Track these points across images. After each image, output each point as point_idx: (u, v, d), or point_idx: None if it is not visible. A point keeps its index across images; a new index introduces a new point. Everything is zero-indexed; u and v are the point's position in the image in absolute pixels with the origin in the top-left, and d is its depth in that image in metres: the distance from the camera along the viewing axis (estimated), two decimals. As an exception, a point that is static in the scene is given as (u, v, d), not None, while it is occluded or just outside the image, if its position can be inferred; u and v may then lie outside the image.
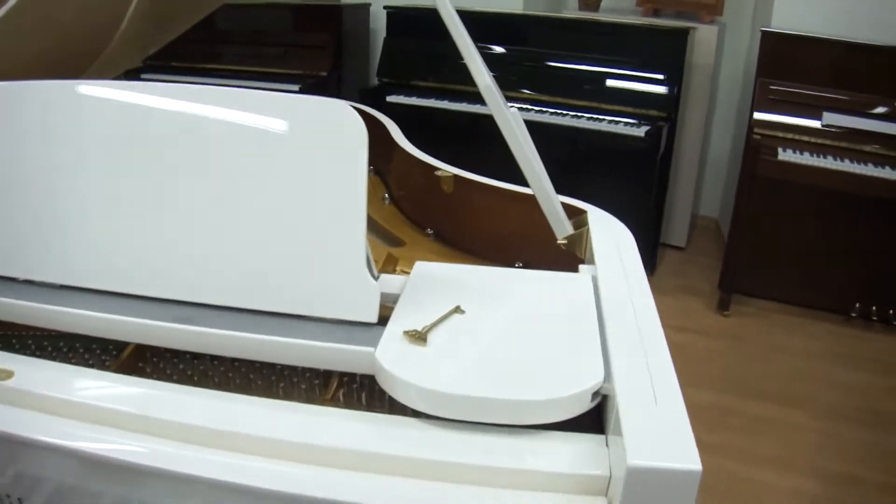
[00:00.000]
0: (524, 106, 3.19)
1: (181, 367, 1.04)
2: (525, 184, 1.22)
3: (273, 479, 0.76)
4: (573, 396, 0.78)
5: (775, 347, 2.79)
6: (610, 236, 1.19)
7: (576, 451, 0.77)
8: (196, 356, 1.04)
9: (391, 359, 0.84)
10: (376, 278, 0.94)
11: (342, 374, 0.98)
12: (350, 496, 0.74)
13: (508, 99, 1.17)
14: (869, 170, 2.66)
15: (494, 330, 0.91)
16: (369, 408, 0.97)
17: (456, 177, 1.50)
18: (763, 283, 3.10)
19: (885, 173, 2.64)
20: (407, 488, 0.75)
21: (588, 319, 0.93)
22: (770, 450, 2.20)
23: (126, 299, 0.98)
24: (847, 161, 2.70)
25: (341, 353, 0.88)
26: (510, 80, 3.25)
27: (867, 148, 2.73)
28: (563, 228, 1.23)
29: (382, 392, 0.89)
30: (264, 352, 0.91)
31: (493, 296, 0.99)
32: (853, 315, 2.90)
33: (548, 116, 3.14)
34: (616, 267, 1.07)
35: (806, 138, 2.80)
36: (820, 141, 2.79)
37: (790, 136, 2.82)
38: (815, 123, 2.81)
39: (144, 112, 0.99)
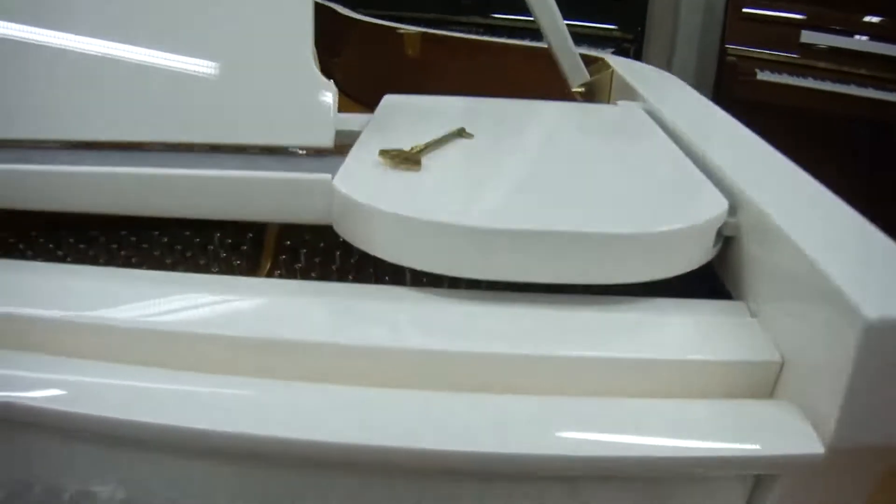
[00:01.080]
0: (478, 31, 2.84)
1: (21, 246, 0.66)
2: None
3: (193, 411, 0.41)
4: (693, 231, 0.45)
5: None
6: (648, 74, 0.86)
7: (710, 326, 0.43)
8: (49, 231, 0.66)
9: (363, 188, 0.49)
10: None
11: (277, 243, 0.62)
12: (324, 432, 0.40)
13: (460, 25, 0.87)
14: (852, 90, 2.46)
15: (527, 158, 0.57)
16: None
17: (423, 34, 1.15)
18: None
19: (869, 93, 2.44)
20: (420, 402, 0.41)
21: (664, 146, 0.60)
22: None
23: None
24: (829, 82, 2.47)
25: (274, 187, 0.52)
26: (464, 3, 2.90)
27: (848, 68, 2.50)
28: (579, 74, 0.90)
29: (345, 269, 0.56)
30: (150, 199, 0.54)
31: (511, 122, 0.65)
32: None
33: (505, 38, 2.80)
34: (676, 99, 0.74)
35: (784, 58, 2.55)
36: (800, 61, 2.54)
37: (767, 55, 2.57)
38: (794, 43, 2.57)
39: None
